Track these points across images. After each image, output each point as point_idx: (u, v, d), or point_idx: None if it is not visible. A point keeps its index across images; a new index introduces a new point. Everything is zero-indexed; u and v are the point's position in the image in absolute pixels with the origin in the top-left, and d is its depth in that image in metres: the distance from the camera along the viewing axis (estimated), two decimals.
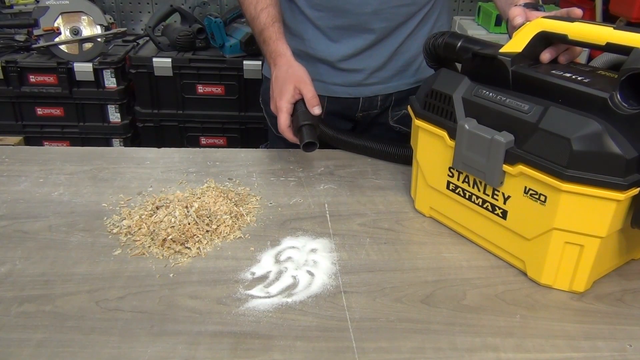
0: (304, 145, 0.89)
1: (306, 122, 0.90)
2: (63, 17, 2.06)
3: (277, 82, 0.95)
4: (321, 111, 0.93)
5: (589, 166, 0.62)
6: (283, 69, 0.95)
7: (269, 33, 0.99)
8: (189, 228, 0.78)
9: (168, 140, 2.28)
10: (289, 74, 0.94)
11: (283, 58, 0.97)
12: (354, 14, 1.04)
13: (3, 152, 1.04)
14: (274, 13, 1.00)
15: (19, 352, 0.60)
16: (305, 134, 0.89)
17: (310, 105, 0.92)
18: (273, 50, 0.98)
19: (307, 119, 0.91)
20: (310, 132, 0.90)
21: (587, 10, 1.94)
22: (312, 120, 0.91)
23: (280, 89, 0.93)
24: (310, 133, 0.90)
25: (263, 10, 1.00)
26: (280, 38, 0.99)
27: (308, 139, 0.88)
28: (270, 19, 0.99)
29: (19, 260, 0.74)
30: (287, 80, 0.93)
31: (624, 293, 0.72)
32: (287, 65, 0.96)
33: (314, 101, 0.92)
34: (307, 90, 0.93)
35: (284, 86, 0.93)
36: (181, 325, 0.64)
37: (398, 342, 0.63)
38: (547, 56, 0.74)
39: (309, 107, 0.92)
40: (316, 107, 0.92)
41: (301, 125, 0.90)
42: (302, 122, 0.90)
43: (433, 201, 0.85)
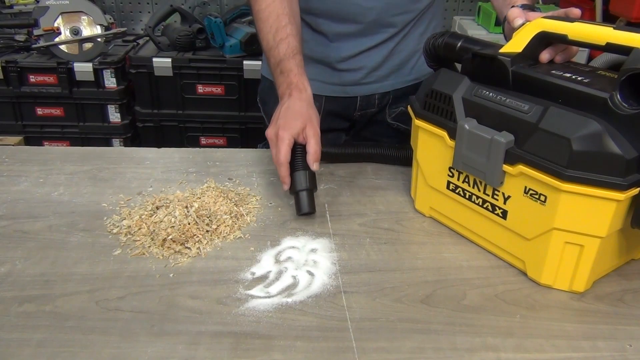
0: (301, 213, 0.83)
1: (306, 187, 0.83)
2: (63, 17, 2.06)
3: (287, 112, 0.85)
4: (319, 168, 0.84)
5: (589, 166, 0.62)
6: (298, 103, 0.86)
7: (289, 65, 0.89)
8: (189, 228, 0.78)
9: (168, 140, 2.28)
10: (304, 111, 0.85)
11: (303, 93, 0.88)
12: (355, 22, 1.04)
13: (3, 152, 1.04)
14: (294, 44, 0.90)
15: (19, 352, 0.60)
16: (306, 202, 0.82)
17: (312, 158, 0.83)
18: (294, 83, 0.88)
19: (307, 182, 0.83)
20: (311, 201, 0.83)
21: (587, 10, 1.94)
22: (312, 182, 0.83)
23: (288, 120, 0.83)
24: (310, 202, 0.83)
25: (283, 40, 0.90)
26: (303, 73, 0.90)
27: (307, 210, 0.82)
28: (291, 51, 0.90)
29: (19, 260, 0.74)
30: (299, 116, 0.84)
31: (624, 293, 0.72)
32: (305, 102, 0.87)
33: (316, 156, 0.83)
34: (313, 141, 0.83)
35: (294, 121, 0.83)
36: (181, 325, 0.64)
37: (398, 342, 0.63)
38: (547, 56, 0.74)
39: (309, 161, 0.83)
40: (316, 163, 0.83)
41: (301, 190, 0.83)
42: (303, 187, 0.83)
43: (433, 201, 0.85)
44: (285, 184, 0.83)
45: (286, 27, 0.91)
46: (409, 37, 1.10)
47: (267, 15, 0.92)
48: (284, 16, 0.91)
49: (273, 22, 0.91)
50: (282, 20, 0.91)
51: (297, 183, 0.82)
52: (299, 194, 0.82)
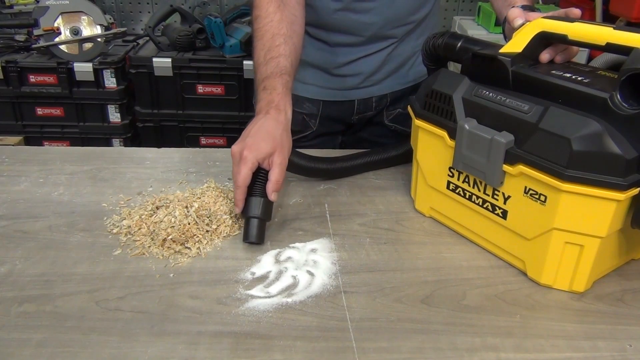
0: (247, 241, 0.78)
1: (258, 215, 0.77)
2: (63, 17, 2.06)
3: (259, 132, 0.79)
4: (277, 199, 0.79)
5: (589, 166, 0.62)
6: (273, 125, 0.80)
7: (274, 83, 0.84)
8: (189, 228, 0.78)
9: (168, 140, 2.28)
10: (277, 135, 0.79)
11: (281, 115, 0.82)
12: (355, 35, 1.05)
13: (3, 152, 1.04)
14: (284, 64, 0.86)
15: (19, 352, 0.60)
16: (255, 231, 0.77)
17: (271, 187, 0.78)
18: (274, 101, 0.82)
19: (260, 210, 0.77)
20: (260, 231, 0.78)
21: (587, 10, 1.94)
22: (266, 211, 0.78)
23: (256, 141, 0.77)
24: (260, 232, 0.77)
25: (273, 59, 0.86)
26: (287, 95, 0.85)
27: (254, 240, 0.77)
28: (279, 70, 0.85)
29: (19, 260, 0.74)
30: (271, 139, 0.78)
31: (624, 293, 0.72)
32: (280, 124, 0.81)
33: (277, 186, 0.78)
34: (278, 170, 0.78)
35: (263, 143, 0.77)
36: (181, 325, 0.64)
37: (398, 342, 0.63)
38: (547, 56, 0.74)
39: (268, 189, 0.78)
40: (274, 194, 0.78)
41: (253, 217, 0.77)
42: (256, 214, 0.77)
43: (433, 201, 0.85)
44: (238, 207, 0.78)
45: (279, 47, 0.87)
46: (406, 42, 1.10)
47: (263, 34, 0.89)
48: (279, 36, 0.88)
49: (267, 41, 0.88)
50: (276, 40, 0.88)
51: (250, 208, 0.77)
52: (250, 221, 0.77)
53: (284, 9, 0.90)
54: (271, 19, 0.89)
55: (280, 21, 0.89)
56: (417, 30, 1.10)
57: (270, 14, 0.89)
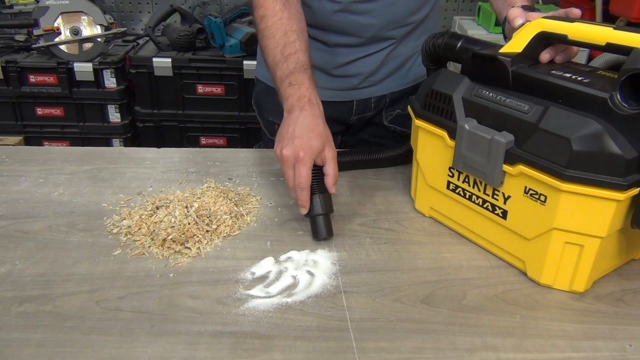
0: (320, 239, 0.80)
1: (324, 212, 0.79)
2: (63, 17, 2.06)
3: (304, 129, 0.78)
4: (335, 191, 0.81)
5: (589, 166, 0.62)
6: (313, 120, 0.80)
7: (300, 78, 0.84)
8: (189, 228, 0.78)
9: (168, 140, 2.28)
10: (321, 129, 0.80)
11: (317, 108, 0.82)
12: (354, 36, 1.05)
13: (3, 152, 1.04)
14: (304, 60, 0.86)
15: (19, 352, 0.60)
16: (324, 228, 0.79)
17: (331, 181, 0.79)
18: (306, 96, 0.82)
19: (325, 206, 0.80)
20: (328, 226, 0.80)
21: (587, 10, 1.94)
22: (329, 205, 0.80)
23: (307, 140, 0.77)
24: (328, 227, 0.80)
25: (292, 55, 0.85)
26: (314, 87, 0.85)
27: (326, 236, 0.79)
28: (301, 65, 0.85)
29: (19, 260, 0.74)
30: (318, 135, 0.79)
31: (624, 293, 0.72)
32: (319, 118, 0.81)
33: (335, 179, 0.79)
34: (333, 163, 0.79)
35: (313, 140, 0.77)
36: (181, 325, 0.64)
37: (398, 342, 0.63)
38: (547, 56, 0.74)
39: (328, 184, 0.79)
40: (334, 187, 0.80)
41: (319, 214, 0.79)
42: (321, 211, 0.79)
43: (433, 201, 0.85)
44: (305, 207, 0.79)
45: (295, 43, 0.86)
46: (406, 43, 1.10)
47: (274, 32, 0.88)
48: (292, 33, 0.87)
49: (280, 38, 0.87)
50: (290, 37, 0.87)
51: (315, 207, 0.79)
52: (316, 219, 0.79)
53: (289, 6, 0.90)
54: (280, 16, 0.88)
55: (289, 18, 0.88)
56: (416, 31, 1.10)
57: (277, 12, 0.88)
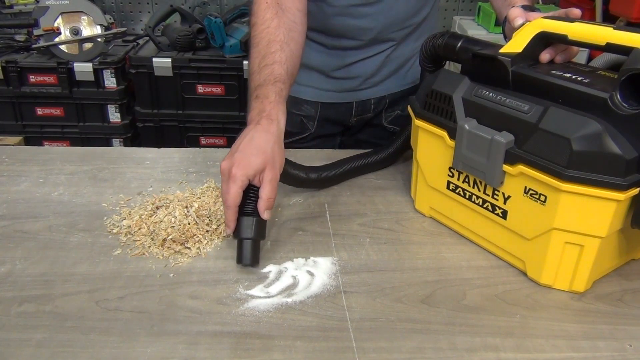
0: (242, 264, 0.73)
1: (251, 236, 0.72)
2: (63, 17, 2.06)
3: (249, 146, 0.74)
4: (269, 217, 0.74)
5: (589, 166, 0.62)
6: (263, 137, 0.75)
7: (266, 91, 0.79)
8: (189, 228, 0.78)
9: (168, 140, 2.28)
10: (267, 148, 0.74)
11: (273, 125, 0.76)
12: (353, 39, 1.04)
13: (3, 152, 1.04)
14: (279, 72, 0.81)
15: (19, 352, 0.60)
16: (249, 254, 0.72)
17: (263, 205, 0.72)
18: (266, 110, 0.77)
19: (254, 230, 0.72)
20: (254, 252, 0.73)
21: (587, 10, 1.94)
22: (259, 231, 0.73)
23: (246, 156, 0.72)
24: (254, 253, 0.73)
25: (267, 66, 0.82)
26: (280, 103, 0.79)
27: (248, 262, 0.72)
28: (273, 78, 0.81)
29: (19, 260, 0.74)
30: (261, 153, 0.73)
31: (624, 293, 0.72)
32: (272, 136, 0.75)
33: (269, 203, 0.73)
34: (269, 187, 0.73)
35: (253, 158, 0.72)
36: (181, 325, 0.64)
37: (398, 342, 0.63)
38: (547, 56, 0.74)
39: (260, 208, 0.72)
40: (267, 212, 0.73)
41: (246, 238, 0.72)
42: (249, 235, 0.72)
43: (433, 201, 0.85)
44: (229, 228, 0.72)
45: (275, 54, 0.83)
46: (405, 45, 1.10)
47: (259, 41, 0.85)
48: (276, 43, 0.84)
49: (262, 48, 0.84)
50: (272, 47, 0.83)
51: (242, 230, 0.72)
52: (243, 242, 0.72)
53: (282, 15, 0.87)
54: (268, 25, 0.85)
55: (277, 27, 0.85)
56: (415, 33, 1.09)
57: (267, 20, 0.86)
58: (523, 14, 0.80)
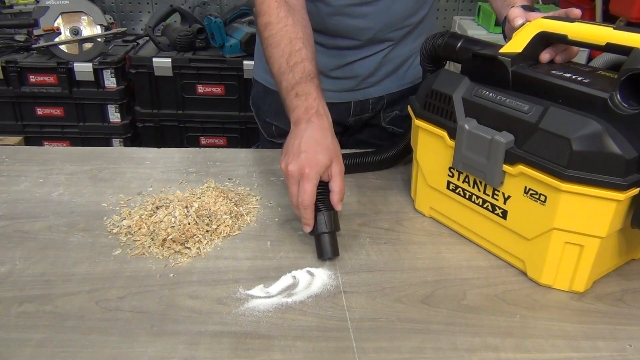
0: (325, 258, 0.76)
1: (330, 230, 0.75)
2: (63, 17, 2.06)
3: (311, 143, 0.75)
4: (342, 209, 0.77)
5: (589, 166, 0.62)
6: (320, 133, 0.77)
7: (307, 88, 0.80)
8: (189, 228, 0.78)
9: (168, 140, 2.28)
10: (329, 143, 0.76)
11: (325, 120, 0.79)
12: (352, 39, 1.04)
13: (3, 152, 1.04)
14: (310, 68, 0.82)
15: (19, 352, 0.60)
16: (329, 247, 0.75)
17: (337, 198, 0.75)
18: (314, 107, 0.79)
19: (331, 224, 0.75)
20: (334, 244, 0.75)
21: (587, 10, 1.94)
22: (335, 223, 0.76)
23: (313, 155, 0.74)
24: (333, 246, 0.75)
25: (298, 64, 0.82)
26: (322, 98, 0.81)
27: (331, 256, 0.75)
28: (308, 74, 0.81)
29: (19, 260, 0.74)
30: (325, 149, 0.75)
31: (624, 293, 0.72)
32: (327, 131, 0.78)
33: (341, 195, 0.76)
34: (339, 179, 0.75)
35: (320, 155, 0.74)
36: (181, 325, 0.64)
37: (398, 342, 0.63)
38: (547, 56, 0.74)
39: (334, 201, 0.75)
40: (340, 204, 0.76)
41: (324, 233, 0.75)
42: (327, 229, 0.75)
43: (433, 201, 0.85)
44: (309, 226, 0.75)
45: (300, 51, 0.83)
46: (403, 45, 1.10)
47: (279, 40, 0.85)
48: (298, 40, 0.84)
49: (285, 47, 0.84)
50: (295, 45, 0.84)
51: (320, 225, 0.75)
52: (321, 237, 0.75)
53: (294, 13, 0.87)
54: (285, 23, 0.85)
55: (294, 25, 0.85)
56: (414, 33, 1.09)
57: (282, 18, 0.85)
58: (523, 14, 0.80)
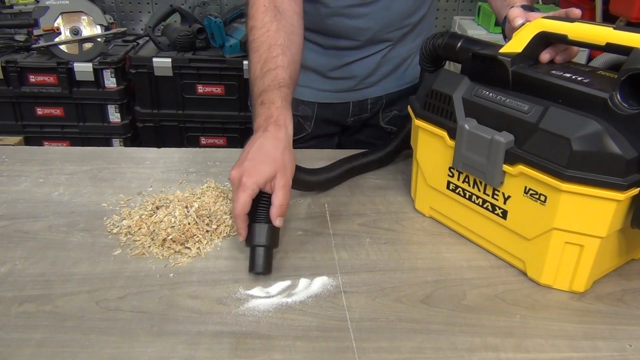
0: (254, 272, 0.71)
1: (264, 243, 0.71)
2: (63, 17, 2.06)
3: (258, 153, 0.73)
4: (282, 224, 0.73)
5: (589, 166, 0.62)
6: (272, 143, 0.74)
7: (272, 96, 0.78)
8: (189, 228, 0.78)
9: (168, 140, 2.28)
10: (277, 155, 0.73)
11: (281, 131, 0.75)
12: (350, 40, 1.04)
13: (3, 152, 1.04)
14: (283, 76, 0.80)
15: (19, 352, 0.60)
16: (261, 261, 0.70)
17: (275, 212, 0.71)
18: (273, 116, 0.76)
19: (267, 237, 0.71)
20: (267, 260, 0.71)
21: (587, 10, 1.94)
22: (272, 238, 0.72)
23: (256, 164, 0.71)
24: (266, 261, 0.71)
25: (271, 71, 0.80)
26: (287, 108, 0.78)
27: (261, 270, 0.70)
28: (277, 82, 0.79)
29: (19, 260, 0.74)
30: (272, 161, 0.72)
31: (624, 293, 0.72)
32: (281, 142, 0.74)
33: (282, 210, 0.71)
34: (281, 193, 0.71)
35: (264, 165, 0.71)
36: (181, 325, 0.64)
37: (398, 342, 0.63)
38: (547, 56, 0.74)
39: (272, 216, 0.71)
40: (279, 219, 0.71)
41: (258, 245, 0.71)
42: (262, 242, 0.71)
43: (433, 201, 0.85)
44: (241, 235, 0.72)
45: (276, 58, 0.81)
46: (402, 45, 1.10)
47: (259, 45, 0.83)
48: (277, 47, 0.82)
49: (263, 52, 0.82)
50: (273, 51, 0.82)
51: (255, 236, 0.71)
52: (255, 250, 0.71)
53: (280, 18, 0.85)
54: (267, 28, 0.84)
55: (277, 31, 0.84)
56: (412, 33, 1.09)
57: (266, 24, 0.84)
58: (523, 14, 0.80)
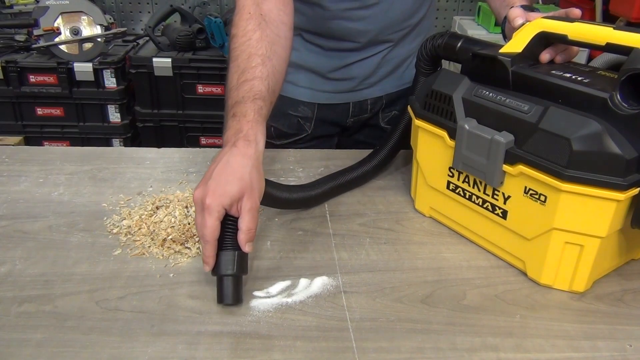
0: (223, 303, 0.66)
1: (232, 273, 0.65)
2: (63, 17, 2.06)
3: (223, 171, 0.66)
4: (252, 250, 0.67)
5: (589, 166, 0.62)
6: (239, 161, 0.67)
7: (244, 109, 0.71)
8: (189, 228, 0.78)
9: (168, 140, 2.28)
10: (244, 174, 0.66)
11: (251, 147, 0.69)
12: (350, 41, 1.04)
13: (3, 152, 1.04)
14: (259, 88, 0.74)
15: (19, 352, 0.60)
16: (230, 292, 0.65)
17: (243, 238, 0.65)
18: (243, 130, 0.69)
19: (235, 266, 0.65)
20: (236, 290, 0.65)
21: (587, 10, 1.94)
22: (240, 266, 0.66)
23: (220, 184, 0.65)
24: (235, 291, 0.65)
25: (247, 82, 0.74)
26: (260, 122, 0.72)
27: (230, 302, 0.65)
28: (253, 94, 0.73)
29: (19, 260, 0.74)
30: (237, 180, 0.66)
31: (624, 293, 0.72)
32: (249, 160, 0.68)
33: (249, 235, 0.66)
34: (248, 217, 0.65)
35: (228, 186, 0.65)
36: (181, 325, 0.64)
37: (398, 342, 0.63)
38: (547, 56, 0.74)
39: (240, 242, 0.65)
40: (248, 245, 0.66)
41: (226, 275, 0.65)
42: (229, 272, 0.65)
43: (433, 201, 0.85)
44: (207, 265, 0.65)
45: (255, 69, 0.76)
46: (402, 46, 1.09)
47: (238, 55, 0.78)
48: (257, 57, 0.77)
49: (242, 62, 0.77)
50: (252, 61, 0.77)
51: (222, 266, 0.65)
52: (223, 280, 0.65)
53: (265, 27, 0.80)
54: (249, 37, 0.79)
55: (259, 40, 0.79)
56: (412, 33, 1.09)
57: (248, 32, 0.79)
58: (523, 14, 0.80)
